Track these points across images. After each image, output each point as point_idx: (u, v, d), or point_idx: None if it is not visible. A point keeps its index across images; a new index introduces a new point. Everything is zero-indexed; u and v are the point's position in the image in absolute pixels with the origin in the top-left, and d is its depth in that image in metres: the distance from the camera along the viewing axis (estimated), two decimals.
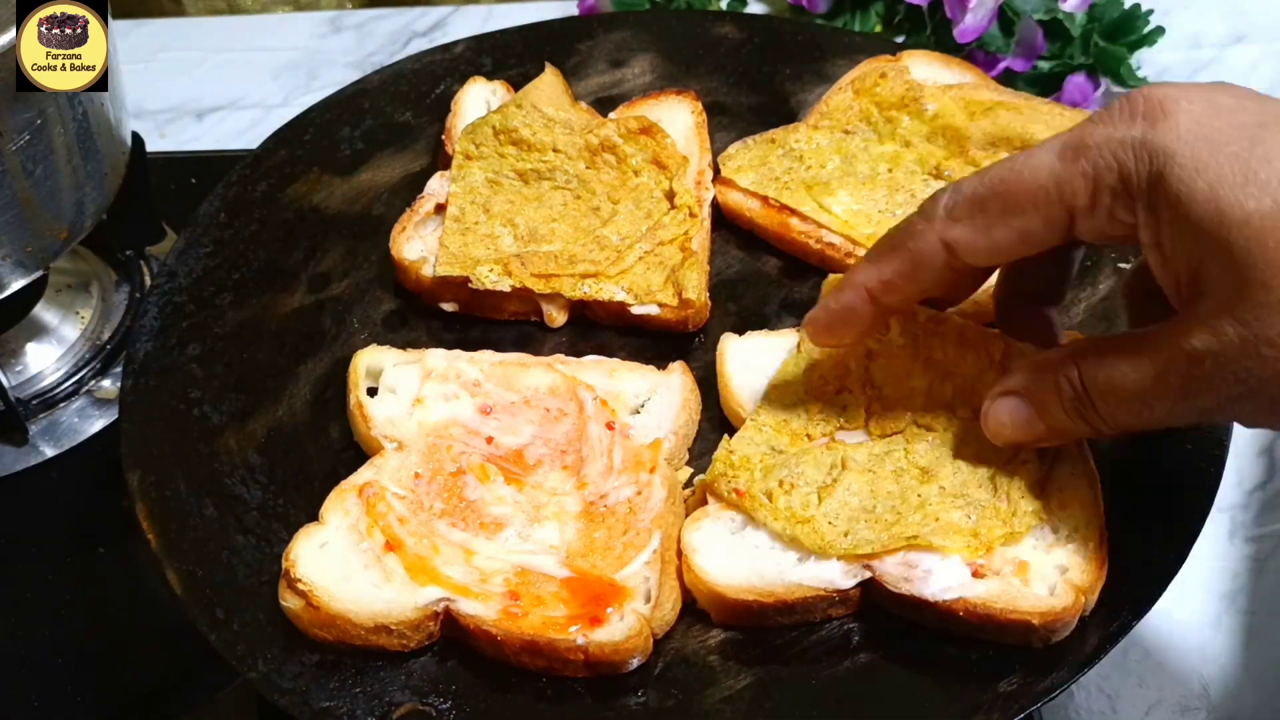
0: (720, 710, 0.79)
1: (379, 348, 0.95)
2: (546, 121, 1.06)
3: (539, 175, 1.04)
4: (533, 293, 0.98)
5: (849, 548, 0.81)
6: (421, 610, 0.81)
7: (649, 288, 0.98)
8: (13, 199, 0.98)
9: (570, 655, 0.79)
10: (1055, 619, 0.77)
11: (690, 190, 1.03)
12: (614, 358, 0.97)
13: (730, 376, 0.93)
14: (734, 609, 0.81)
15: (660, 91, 1.13)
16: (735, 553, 0.83)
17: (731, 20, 1.22)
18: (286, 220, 1.07)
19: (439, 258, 0.99)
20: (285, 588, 0.81)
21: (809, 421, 0.88)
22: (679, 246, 1.00)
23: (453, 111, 1.11)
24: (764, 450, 0.86)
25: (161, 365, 0.97)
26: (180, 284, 1.02)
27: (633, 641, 0.79)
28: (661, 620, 0.81)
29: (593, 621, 0.79)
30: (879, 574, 0.80)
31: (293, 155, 1.12)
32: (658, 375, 0.94)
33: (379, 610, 0.81)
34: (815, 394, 0.88)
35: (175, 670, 1.04)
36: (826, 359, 0.89)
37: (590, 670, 0.80)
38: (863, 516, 0.82)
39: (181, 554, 0.86)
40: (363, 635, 0.81)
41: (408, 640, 0.81)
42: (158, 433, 0.93)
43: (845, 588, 0.80)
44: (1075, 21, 1.36)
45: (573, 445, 0.90)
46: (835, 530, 0.82)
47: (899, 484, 0.84)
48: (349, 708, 0.79)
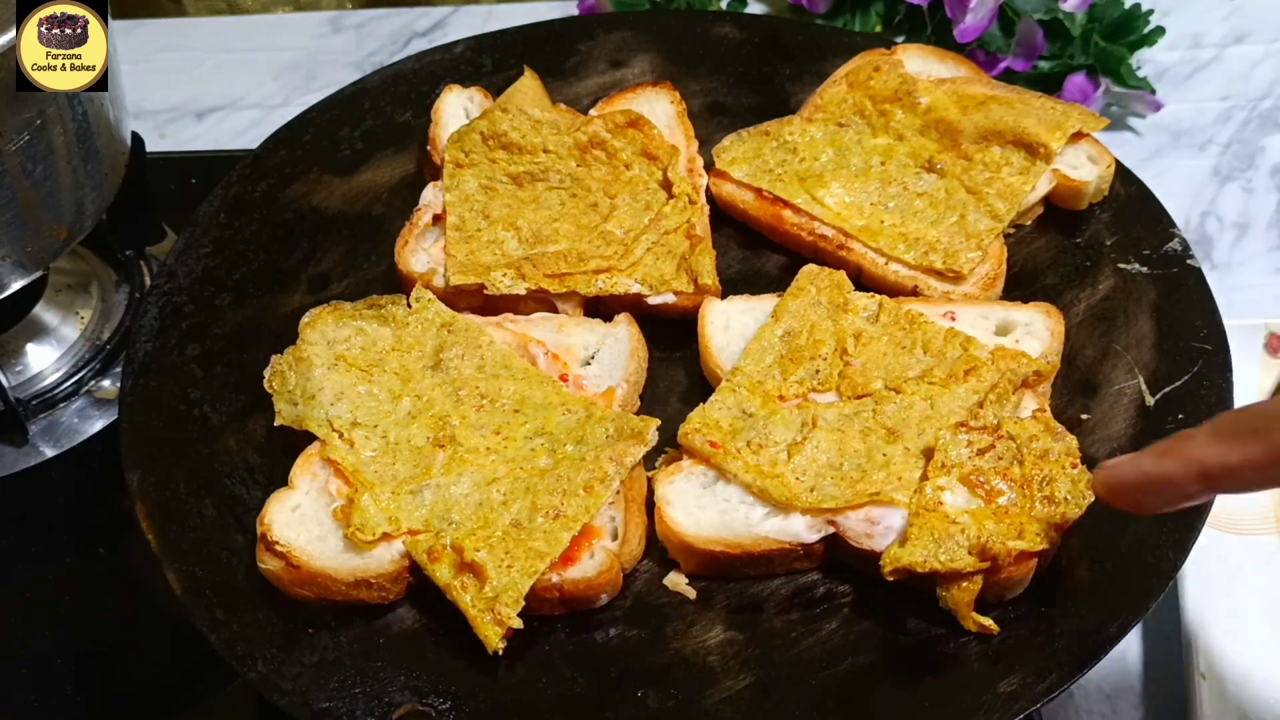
0: (720, 710, 0.79)
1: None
2: (534, 123, 1.06)
3: (532, 177, 1.05)
4: (548, 293, 0.98)
5: (814, 501, 0.84)
6: (398, 562, 0.83)
7: (662, 277, 0.99)
8: (13, 199, 0.98)
9: (546, 594, 0.82)
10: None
11: (685, 178, 1.04)
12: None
13: (710, 338, 0.95)
14: (702, 558, 0.85)
15: (636, 86, 1.13)
16: (705, 506, 0.86)
17: (731, 20, 1.22)
18: (286, 220, 1.08)
19: (448, 268, 0.99)
20: (263, 550, 0.83)
21: (783, 383, 0.91)
22: (684, 234, 1.01)
23: (434, 121, 1.11)
24: (735, 414, 0.89)
25: (161, 365, 0.97)
26: (180, 284, 1.02)
27: (604, 577, 0.83)
28: (630, 555, 0.85)
29: (565, 561, 0.83)
30: (841, 529, 0.83)
31: (293, 155, 1.12)
32: (605, 327, 0.97)
33: (358, 565, 0.83)
34: (791, 357, 0.92)
35: (175, 670, 1.04)
36: (804, 326, 0.93)
37: (566, 606, 0.84)
38: (829, 473, 0.86)
39: (181, 554, 0.86)
40: (344, 590, 0.83)
41: (387, 592, 0.84)
42: (157, 433, 0.93)
43: (809, 541, 0.84)
44: (1075, 21, 1.36)
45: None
46: (802, 485, 0.85)
47: (866, 443, 0.87)
48: (348, 708, 0.79)
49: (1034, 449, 0.84)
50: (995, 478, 0.83)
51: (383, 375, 0.93)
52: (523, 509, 0.85)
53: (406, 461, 0.88)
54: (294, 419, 0.91)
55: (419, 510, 0.85)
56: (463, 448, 0.88)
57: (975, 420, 0.86)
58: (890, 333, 0.92)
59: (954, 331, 0.92)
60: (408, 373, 0.93)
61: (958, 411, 0.87)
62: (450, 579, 0.82)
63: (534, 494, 0.85)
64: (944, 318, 0.94)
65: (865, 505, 0.84)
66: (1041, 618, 0.81)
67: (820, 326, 0.93)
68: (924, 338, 0.92)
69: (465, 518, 0.85)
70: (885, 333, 0.93)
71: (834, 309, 0.94)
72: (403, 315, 0.96)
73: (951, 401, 0.88)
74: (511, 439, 0.89)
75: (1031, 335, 0.94)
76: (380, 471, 0.87)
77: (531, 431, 0.89)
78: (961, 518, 0.81)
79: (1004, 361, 0.89)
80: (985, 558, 0.79)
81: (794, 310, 0.94)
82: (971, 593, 0.80)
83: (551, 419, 0.90)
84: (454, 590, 0.81)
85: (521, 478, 0.87)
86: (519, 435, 0.89)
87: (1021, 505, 0.82)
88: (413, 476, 0.87)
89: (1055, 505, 0.82)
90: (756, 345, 0.93)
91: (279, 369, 0.93)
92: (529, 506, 0.85)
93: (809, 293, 0.95)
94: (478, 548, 0.82)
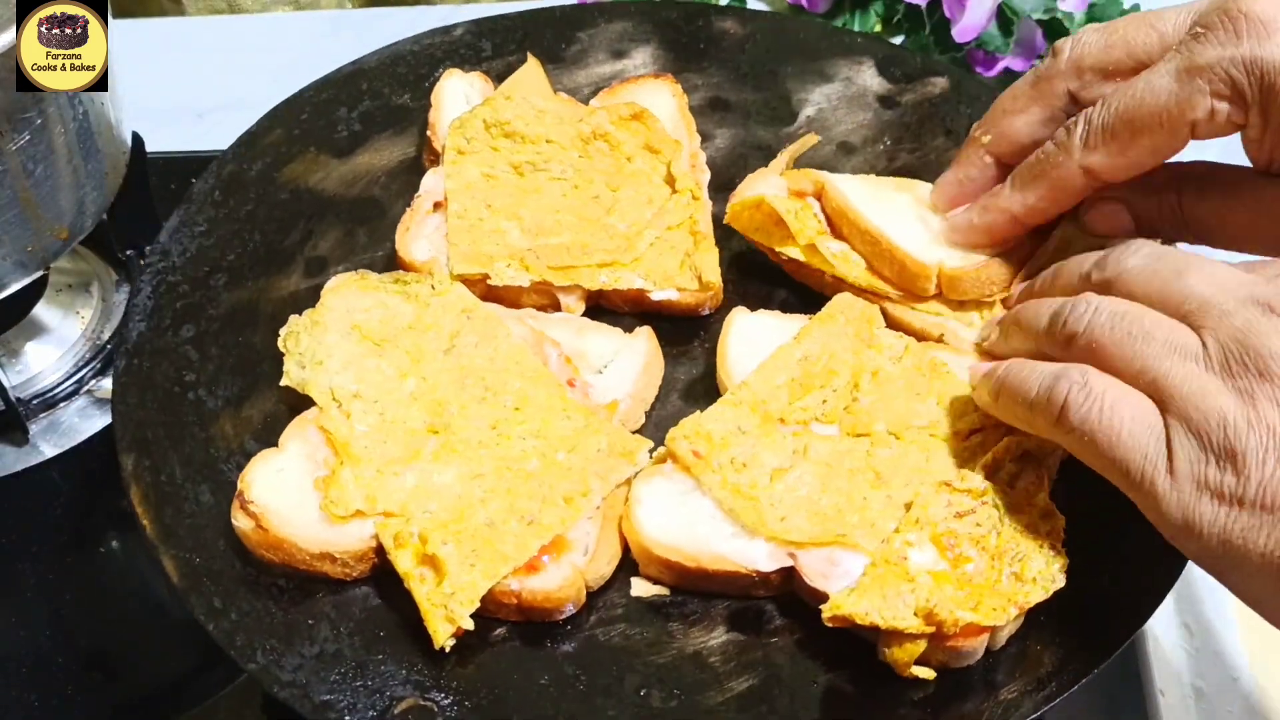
0: (723, 711, 0.79)
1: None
2: (538, 113, 1.05)
3: (534, 167, 1.04)
4: (551, 285, 0.98)
5: (780, 531, 0.82)
6: (366, 542, 0.83)
7: (666, 273, 0.99)
8: (13, 199, 0.98)
9: (504, 599, 0.81)
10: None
11: (688, 173, 1.03)
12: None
13: (729, 347, 0.94)
14: (659, 564, 0.84)
15: (639, 77, 1.13)
16: (676, 513, 0.85)
17: (734, 15, 1.22)
18: (283, 201, 1.06)
19: (451, 257, 0.99)
20: (238, 508, 0.83)
21: (787, 406, 0.89)
22: (688, 230, 1.01)
23: (433, 105, 1.10)
24: (729, 428, 0.88)
25: (155, 347, 0.96)
26: (174, 263, 1.01)
27: (565, 591, 0.82)
28: (596, 574, 0.83)
29: (529, 569, 0.82)
30: (800, 564, 0.82)
31: (289, 134, 1.10)
32: (624, 338, 0.96)
33: (327, 538, 0.83)
34: (803, 382, 0.90)
35: (175, 670, 1.04)
36: (824, 353, 0.90)
37: (522, 615, 0.82)
38: (805, 506, 0.84)
39: (178, 540, 0.86)
40: (308, 560, 0.83)
41: (351, 569, 0.84)
42: (152, 416, 0.92)
43: (766, 570, 0.82)
44: (1074, 21, 1.37)
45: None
46: (774, 512, 0.83)
47: (850, 483, 0.85)
48: (350, 701, 0.79)
49: (1017, 521, 0.81)
50: (967, 543, 0.80)
51: (394, 351, 0.92)
52: (499, 509, 0.84)
53: (398, 442, 0.88)
54: (299, 382, 0.91)
55: (398, 493, 0.85)
56: (456, 437, 0.88)
57: (961, 481, 0.83)
58: (909, 376, 0.89)
59: (961, 384, 0.89)
60: (420, 353, 0.92)
61: (951, 469, 0.85)
62: (410, 568, 0.81)
63: (514, 496, 0.85)
64: (969, 371, 0.89)
65: (830, 545, 0.82)
66: (1042, 625, 0.81)
67: (839, 357, 0.90)
68: (941, 388, 0.89)
69: (442, 508, 0.84)
70: (904, 375, 0.90)
71: (858, 342, 0.91)
72: (427, 295, 0.95)
73: (948, 458, 0.85)
74: (506, 436, 0.88)
75: None
76: (370, 448, 0.87)
77: (527, 432, 0.89)
78: (921, 576, 0.78)
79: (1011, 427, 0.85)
80: (931, 622, 0.76)
81: (818, 336, 0.92)
82: (911, 654, 0.77)
83: (549, 423, 0.89)
84: (411, 580, 0.81)
85: (506, 477, 0.86)
86: (514, 434, 0.89)
87: (987, 576, 0.79)
88: (400, 458, 0.87)
89: (1022, 583, 0.78)
90: (772, 363, 0.91)
91: (294, 329, 0.94)
92: (506, 508, 0.84)
93: (837, 321, 0.92)
94: (445, 540, 0.82)
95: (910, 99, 1.13)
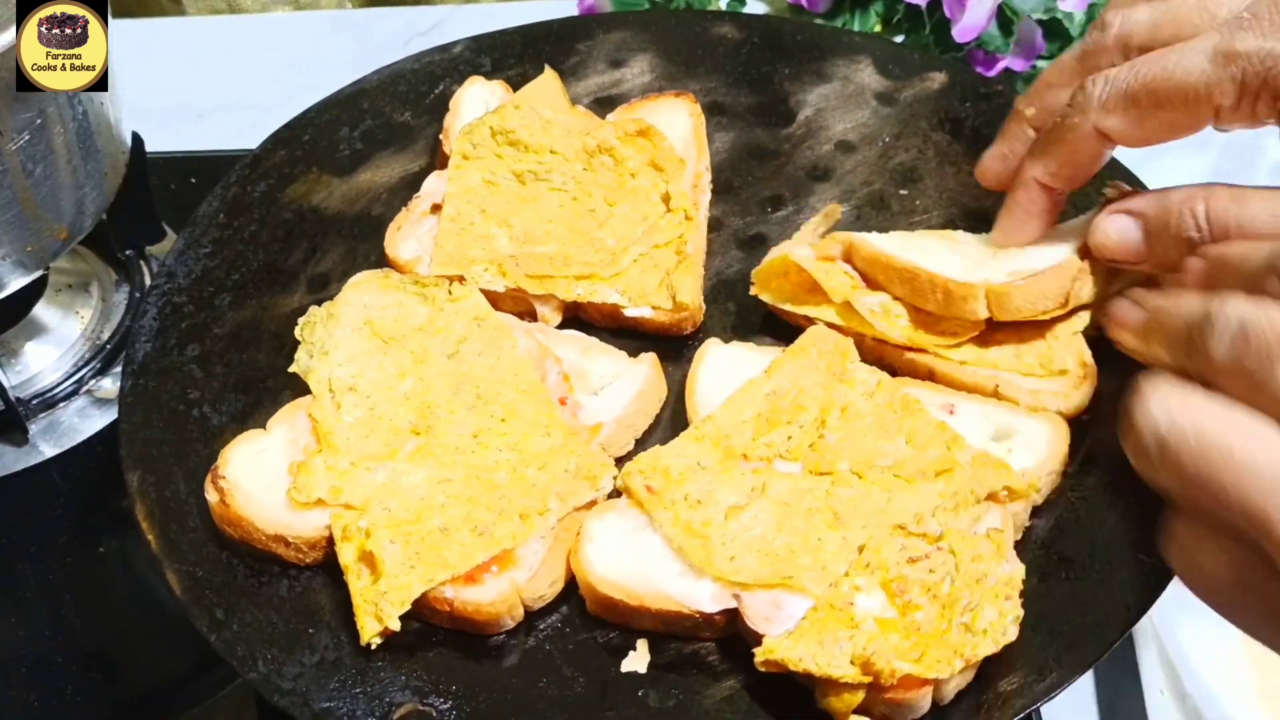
0: (721, 710, 0.79)
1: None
2: (545, 123, 1.05)
3: (536, 176, 1.04)
4: (526, 293, 0.98)
5: (726, 571, 0.79)
6: (320, 531, 0.84)
7: (643, 290, 0.98)
8: (13, 199, 0.98)
9: (437, 605, 0.82)
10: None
11: (686, 194, 1.02)
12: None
13: (698, 379, 0.92)
14: (603, 602, 0.81)
15: (659, 93, 1.13)
16: (624, 551, 0.82)
17: (731, 20, 1.22)
18: (286, 220, 1.07)
19: (434, 258, 0.99)
20: (210, 480, 0.86)
21: (750, 442, 0.86)
22: (674, 250, 1.00)
23: (451, 111, 1.11)
24: (688, 463, 0.85)
25: (161, 366, 0.97)
26: (179, 284, 1.02)
27: (498, 606, 0.81)
28: (534, 594, 0.82)
29: (468, 579, 0.82)
30: (745, 606, 0.78)
31: (292, 155, 1.12)
32: (628, 362, 0.94)
33: (284, 521, 0.84)
34: (769, 417, 0.87)
35: (175, 670, 1.04)
36: (792, 387, 0.88)
37: (454, 624, 0.82)
38: (757, 547, 0.80)
39: (181, 554, 0.86)
40: (263, 541, 0.84)
41: (303, 555, 0.85)
42: (157, 433, 0.93)
43: (709, 611, 0.79)
44: (1074, 21, 1.36)
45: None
46: (724, 552, 0.80)
47: (807, 523, 0.81)
48: (349, 708, 0.79)
49: (972, 570, 0.77)
50: (918, 590, 0.77)
51: (399, 350, 0.93)
52: (456, 516, 0.84)
53: (379, 438, 0.88)
54: (304, 370, 0.92)
55: (364, 487, 0.85)
56: (436, 440, 0.88)
57: (917, 524, 0.79)
58: (879, 413, 0.86)
59: (944, 427, 0.85)
60: (424, 354, 0.93)
61: (910, 513, 0.80)
62: (351, 561, 0.82)
63: (474, 505, 0.84)
64: (942, 409, 0.87)
65: (776, 587, 0.79)
66: (1042, 615, 0.81)
67: (809, 392, 0.87)
68: (911, 427, 0.85)
69: (402, 507, 0.84)
70: (874, 412, 0.86)
71: (830, 376, 0.88)
72: (443, 299, 0.96)
73: (910, 501, 0.81)
74: (485, 446, 0.88)
75: (1028, 447, 0.85)
76: (351, 440, 0.88)
77: (505, 445, 0.88)
78: (866, 623, 0.75)
79: (981, 469, 0.82)
80: (868, 671, 0.73)
81: (789, 370, 0.89)
82: (849, 704, 0.74)
83: (529, 438, 0.88)
84: (350, 573, 0.82)
85: (473, 486, 0.86)
86: (492, 444, 0.88)
87: (935, 626, 0.75)
88: (377, 454, 0.87)
89: (972, 635, 0.74)
90: (739, 397, 0.88)
91: (312, 320, 0.95)
92: (462, 516, 0.84)
93: (810, 354, 0.89)
94: (394, 539, 0.82)
95: (908, 95, 1.13)
